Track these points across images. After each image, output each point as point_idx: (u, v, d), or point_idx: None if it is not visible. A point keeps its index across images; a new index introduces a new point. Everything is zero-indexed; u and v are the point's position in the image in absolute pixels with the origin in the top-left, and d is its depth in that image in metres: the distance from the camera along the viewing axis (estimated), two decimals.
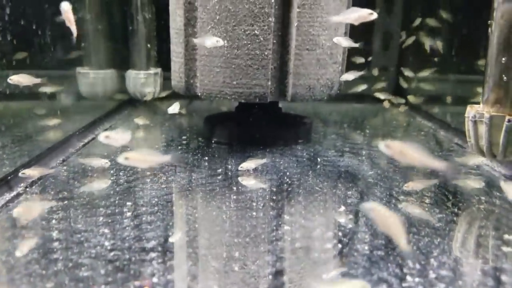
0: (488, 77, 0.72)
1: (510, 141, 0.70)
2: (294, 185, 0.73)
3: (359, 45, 0.85)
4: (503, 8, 0.68)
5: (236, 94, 0.91)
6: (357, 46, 0.86)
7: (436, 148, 0.98)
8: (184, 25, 0.92)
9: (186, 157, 0.87)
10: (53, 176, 0.74)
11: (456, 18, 1.20)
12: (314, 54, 0.91)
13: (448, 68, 1.22)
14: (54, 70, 1.05)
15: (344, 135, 1.09)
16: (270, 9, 0.86)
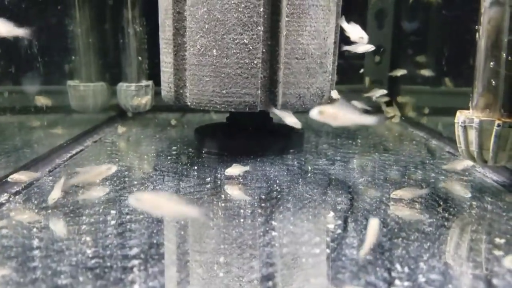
0: (476, 82, 0.72)
1: (500, 146, 0.70)
2: (283, 193, 0.71)
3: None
4: (490, 13, 0.69)
5: (226, 103, 0.90)
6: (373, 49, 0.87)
7: (427, 156, 0.97)
8: (173, 35, 0.92)
9: (175, 167, 0.86)
10: (38, 186, 0.73)
11: (445, 29, 1.21)
12: (303, 63, 0.91)
13: (439, 80, 1.22)
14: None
15: (335, 144, 1.08)
16: (259, 18, 0.86)
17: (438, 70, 1.24)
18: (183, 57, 0.92)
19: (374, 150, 1.03)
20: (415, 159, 0.94)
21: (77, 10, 1.26)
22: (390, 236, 0.56)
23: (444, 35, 1.22)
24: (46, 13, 1.12)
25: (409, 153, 1.00)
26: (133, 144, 1.08)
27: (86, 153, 0.97)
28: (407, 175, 0.82)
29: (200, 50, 0.89)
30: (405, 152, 1.01)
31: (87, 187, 0.72)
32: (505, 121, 0.69)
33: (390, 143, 1.11)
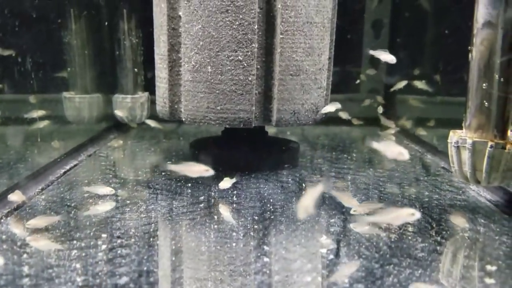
0: (469, 102, 0.72)
1: (493, 166, 0.70)
2: (277, 213, 0.71)
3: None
4: (483, 34, 0.69)
5: (221, 119, 0.90)
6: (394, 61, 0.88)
7: (422, 172, 0.98)
8: (168, 51, 0.92)
9: (168, 184, 0.85)
10: (30, 206, 0.72)
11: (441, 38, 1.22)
12: (298, 79, 0.92)
13: (435, 90, 1.23)
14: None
15: (330, 159, 1.08)
16: (253, 36, 0.86)
17: (434, 80, 1.24)
18: (178, 72, 0.93)
19: (369, 165, 1.03)
20: (409, 176, 0.94)
21: (73, 22, 1.27)
22: (382, 262, 0.55)
23: (440, 44, 1.23)
24: (41, 25, 1.12)
25: (403, 168, 1.00)
26: (128, 158, 1.08)
27: (80, 168, 0.97)
28: (401, 193, 0.82)
29: (195, 66, 0.89)
30: (399, 167, 1.01)
31: (80, 207, 0.72)
32: (498, 142, 0.69)
33: (384, 158, 1.11)
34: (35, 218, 0.64)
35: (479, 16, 0.69)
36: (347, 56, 1.45)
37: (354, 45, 1.49)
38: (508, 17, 0.67)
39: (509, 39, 0.68)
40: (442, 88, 1.21)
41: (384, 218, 0.62)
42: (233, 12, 0.85)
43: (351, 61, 1.52)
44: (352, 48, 1.48)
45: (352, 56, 1.52)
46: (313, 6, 0.89)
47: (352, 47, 1.48)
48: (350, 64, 1.53)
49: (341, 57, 1.35)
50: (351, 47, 1.47)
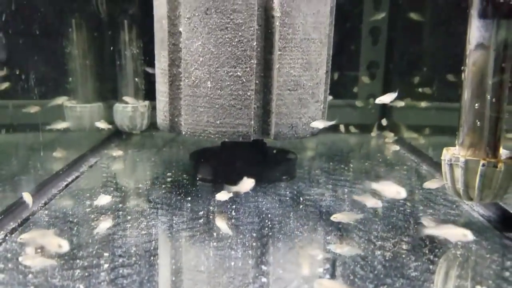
0: (462, 121, 0.74)
1: (486, 184, 0.72)
2: (274, 229, 0.73)
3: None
4: (475, 55, 0.71)
5: (220, 133, 0.92)
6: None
7: (416, 184, 0.99)
8: (169, 66, 0.94)
9: (169, 198, 0.87)
10: (33, 222, 0.74)
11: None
12: (295, 94, 0.93)
13: (434, 95, 1.24)
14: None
15: (328, 170, 1.10)
16: (252, 52, 0.88)
17: (431, 86, 1.26)
18: (178, 87, 0.94)
19: (365, 176, 1.05)
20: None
21: (74, 33, 1.28)
22: (376, 282, 0.57)
23: (437, 51, 1.24)
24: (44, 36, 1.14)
25: (399, 180, 1.02)
26: (129, 169, 1.10)
27: (81, 181, 0.99)
28: (396, 207, 0.84)
29: (195, 81, 0.91)
30: (395, 179, 1.03)
31: (81, 223, 0.73)
32: (490, 161, 0.71)
33: (381, 168, 1.13)
34: (28, 232, 0.65)
35: (472, 38, 0.70)
36: (346, 62, 1.47)
37: (352, 51, 1.50)
38: (499, 40, 0.69)
39: (501, 61, 0.69)
40: (439, 94, 1.23)
41: (443, 232, 0.64)
42: (233, 30, 0.87)
43: (349, 68, 1.53)
44: (350, 54, 1.50)
45: (350, 62, 1.53)
46: (310, 23, 0.91)
47: (350, 53, 1.50)
48: (348, 71, 1.54)
49: (340, 64, 1.38)
50: (349, 53, 1.49)
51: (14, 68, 0.98)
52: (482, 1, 0.68)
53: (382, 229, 0.74)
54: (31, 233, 0.65)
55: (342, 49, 1.37)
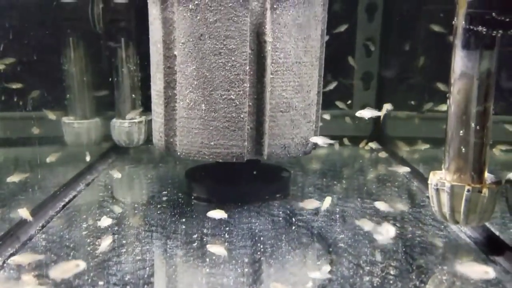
0: (448, 146, 0.76)
1: (471, 209, 0.74)
2: (266, 254, 0.75)
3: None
4: (459, 84, 0.73)
5: (214, 154, 0.94)
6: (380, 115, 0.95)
7: (406, 202, 1.01)
8: (164, 88, 0.96)
9: (164, 219, 0.89)
10: (31, 247, 0.76)
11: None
12: (288, 115, 0.95)
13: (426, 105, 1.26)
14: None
15: (321, 187, 1.12)
16: (245, 76, 0.90)
17: (424, 96, 1.28)
18: (173, 108, 0.96)
19: (357, 194, 1.07)
20: (395, 207, 0.98)
21: (72, 50, 1.31)
22: None
23: (430, 60, 1.26)
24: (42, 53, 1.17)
25: (390, 198, 1.04)
26: (125, 187, 1.12)
27: (78, 201, 1.01)
28: None
29: (189, 104, 0.93)
30: (386, 197, 1.05)
31: (78, 248, 0.75)
32: (475, 187, 0.73)
33: (373, 185, 1.15)
34: (18, 255, 0.67)
35: (456, 67, 0.73)
36: (340, 72, 1.48)
37: (347, 62, 1.52)
38: (482, 69, 0.71)
39: (484, 90, 0.72)
40: (433, 105, 1.24)
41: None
42: (226, 55, 0.89)
43: (343, 78, 1.55)
44: (344, 65, 1.51)
45: (344, 73, 1.55)
46: (301, 47, 0.93)
47: (344, 63, 1.52)
48: (343, 81, 1.56)
49: (334, 74, 1.40)
50: (343, 63, 1.50)
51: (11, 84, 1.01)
52: (465, 32, 0.70)
53: (371, 252, 0.76)
54: (21, 257, 0.67)
55: (336, 60, 1.39)
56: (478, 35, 0.69)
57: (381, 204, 0.95)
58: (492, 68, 0.71)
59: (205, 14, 0.88)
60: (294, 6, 0.90)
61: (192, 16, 0.88)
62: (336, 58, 1.38)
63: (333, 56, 1.13)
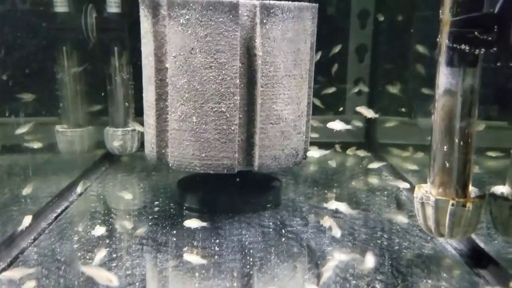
0: (433, 160, 0.78)
1: (455, 222, 0.75)
2: (255, 267, 0.76)
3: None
4: (443, 100, 0.75)
5: (205, 165, 0.95)
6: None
7: (396, 213, 1.03)
8: (156, 100, 0.97)
9: (155, 232, 0.90)
10: (23, 261, 0.77)
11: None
12: (278, 127, 0.97)
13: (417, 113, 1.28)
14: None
15: (311, 196, 1.14)
16: (235, 89, 0.91)
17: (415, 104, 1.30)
18: (165, 119, 0.97)
19: (347, 204, 1.08)
20: (383, 218, 1.00)
21: (65, 59, 1.31)
22: None
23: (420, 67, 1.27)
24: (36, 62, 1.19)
25: (379, 208, 1.05)
26: (117, 197, 1.13)
27: (70, 212, 1.01)
28: (374, 240, 0.88)
29: (180, 116, 0.94)
30: (375, 207, 1.06)
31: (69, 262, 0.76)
32: (459, 201, 0.74)
33: (363, 194, 1.16)
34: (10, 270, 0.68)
35: (440, 84, 0.74)
36: (333, 79, 1.50)
37: (339, 68, 1.53)
38: (466, 86, 0.72)
39: (468, 106, 0.73)
40: (423, 111, 1.26)
41: None
42: (216, 68, 0.90)
43: (336, 84, 1.56)
44: (337, 71, 1.53)
45: (337, 79, 1.56)
46: (291, 60, 0.95)
47: (337, 70, 1.53)
48: (336, 87, 1.58)
49: (327, 80, 1.42)
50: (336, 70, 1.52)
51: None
52: (449, 50, 0.72)
53: (359, 264, 0.78)
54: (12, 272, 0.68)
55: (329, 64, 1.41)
56: (461, 53, 0.71)
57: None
58: (475, 85, 0.73)
59: (196, 29, 0.89)
60: (283, 21, 0.91)
61: (183, 30, 0.90)
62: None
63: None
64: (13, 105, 1.08)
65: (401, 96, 1.38)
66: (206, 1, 0.87)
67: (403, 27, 1.40)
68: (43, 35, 1.24)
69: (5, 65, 1.05)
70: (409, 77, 1.38)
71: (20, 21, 1.17)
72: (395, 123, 1.40)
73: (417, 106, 1.31)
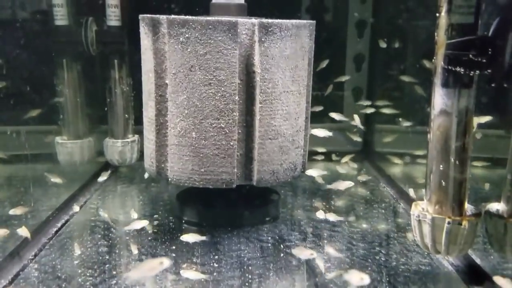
0: (429, 179, 0.79)
1: (451, 240, 0.76)
2: (254, 285, 0.77)
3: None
4: (439, 120, 0.76)
5: (204, 180, 0.96)
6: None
7: (393, 227, 1.04)
8: (156, 115, 0.98)
9: (154, 247, 0.91)
10: (24, 278, 0.78)
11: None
12: (276, 142, 0.98)
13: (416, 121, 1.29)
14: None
15: (309, 209, 1.14)
16: (234, 105, 0.93)
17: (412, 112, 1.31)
18: (164, 134, 0.98)
19: (345, 217, 1.09)
20: (381, 231, 1.01)
21: (65, 71, 1.33)
22: None
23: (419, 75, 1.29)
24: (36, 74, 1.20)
25: (376, 221, 1.06)
26: (117, 210, 1.13)
27: (71, 225, 1.02)
28: (372, 255, 0.89)
29: (180, 132, 0.95)
30: (373, 220, 1.07)
31: (69, 279, 0.77)
32: (455, 219, 0.76)
33: (361, 206, 1.17)
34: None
35: (436, 104, 0.75)
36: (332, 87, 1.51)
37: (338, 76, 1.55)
38: (461, 107, 0.74)
39: (463, 126, 0.74)
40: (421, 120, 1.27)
41: None
42: (216, 85, 0.92)
43: (334, 90, 1.57)
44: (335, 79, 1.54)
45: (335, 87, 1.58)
46: (289, 77, 0.96)
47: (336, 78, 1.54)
48: (334, 94, 1.59)
49: (326, 88, 1.44)
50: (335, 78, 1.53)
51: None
52: (444, 71, 0.73)
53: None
54: None
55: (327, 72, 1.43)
56: (456, 74, 0.72)
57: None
58: (470, 106, 0.74)
59: (196, 47, 0.90)
60: (281, 39, 0.92)
61: (183, 48, 0.91)
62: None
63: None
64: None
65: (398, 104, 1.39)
66: (205, 20, 0.89)
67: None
68: (44, 47, 1.25)
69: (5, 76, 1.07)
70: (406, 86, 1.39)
71: (21, 34, 1.18)
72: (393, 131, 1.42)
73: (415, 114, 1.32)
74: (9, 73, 1.09)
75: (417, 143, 1.28)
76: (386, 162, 1.44)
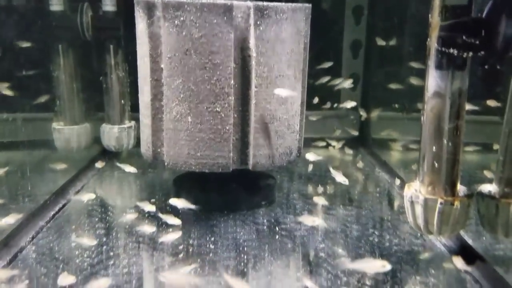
0: (422, 160, 0.80)
1: (443, 221, 0.77)
2: (249, 265, 0.79)
3: None
4: (432, 102, 0.76)
5: (200, 164, 0.97)
6: None
7: (387, 210, 1.05)
8: (151, 100, 0.98)
9: (151, 231, 0.92)
10: (22, 259, 0.79)
11: None
12: (272, 126, 0.98)
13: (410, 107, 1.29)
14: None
15: (305, 193, 1.16)
16: (230, 89, 0.93)
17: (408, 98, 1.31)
18: (160, 119, 0.99)
19: (340, 201, 1.10)
20: (375, 215, 1.02)
21: (61, 57, 1.32)
22: None
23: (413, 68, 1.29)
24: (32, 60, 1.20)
25: (371, 205, 1.08)
26: (114, 195, 1.14)
27: (68, 211, 1.03)
28: (365, 238, 0.90)
29: (176, 116, 0.96)
30: (367, 204, 1.08)
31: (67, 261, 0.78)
32: (447, 200, 0.77)
33: (355, 190, 1.19)
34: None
35: (429, 86, 0.76)
36: (327, 72, 1.51)
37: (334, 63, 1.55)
38: (454, 89, 0.74)
39: (456, 108, 0.75)
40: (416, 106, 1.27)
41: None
42: (211, 69, 0.92)
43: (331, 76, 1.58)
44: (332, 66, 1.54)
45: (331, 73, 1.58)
46: (284, 61, 0.96)
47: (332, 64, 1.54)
48: (330, 81, 1.59)
49: (323, 74, 1.43)
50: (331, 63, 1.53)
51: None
52: (438, 54, 0.73)
53: (349, 261, 0.80)
54: None
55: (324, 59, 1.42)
56: (450, 56, 0.72)
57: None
58: (463, 88, 0.74)
59: (191, 30, 0.90)
60: (277, 22, 0.92)
61: (178, 32, 0.91)
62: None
63: None
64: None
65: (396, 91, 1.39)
66: (200, 3, 0.88)
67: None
68: (39, 33, 1.25)
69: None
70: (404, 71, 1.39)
71: (16, 19, 1.18)
72: (390, 118, 1.42)
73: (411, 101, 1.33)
74: (4, 59, 1.09)
75: (415, 129, 1.29)
76: (382, 149, 1.45)
